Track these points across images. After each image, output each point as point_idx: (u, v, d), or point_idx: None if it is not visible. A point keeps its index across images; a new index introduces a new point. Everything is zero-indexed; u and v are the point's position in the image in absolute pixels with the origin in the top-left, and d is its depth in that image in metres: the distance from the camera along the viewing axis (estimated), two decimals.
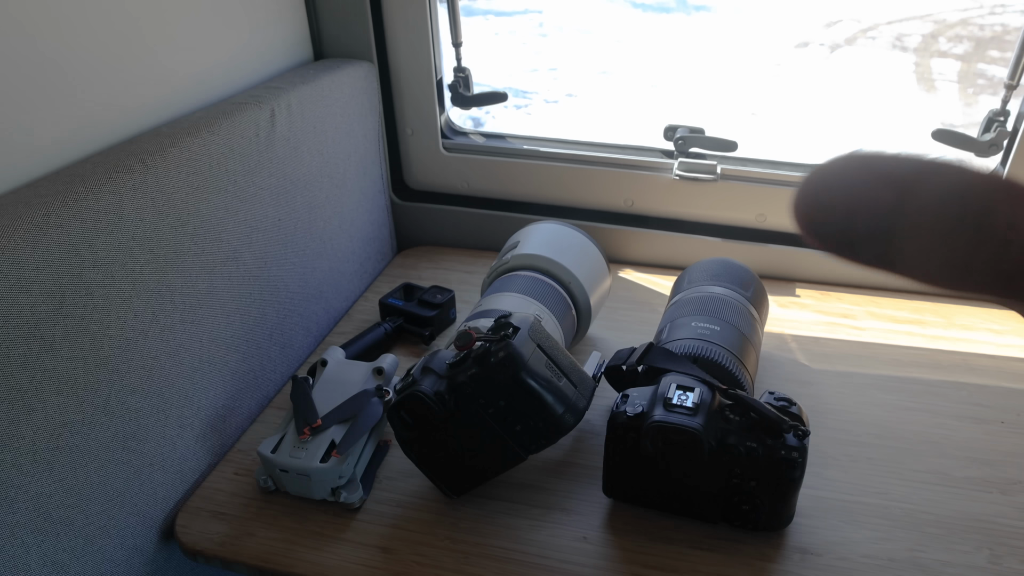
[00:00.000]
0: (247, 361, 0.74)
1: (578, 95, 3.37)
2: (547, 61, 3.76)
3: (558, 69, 3.66)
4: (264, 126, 0.73)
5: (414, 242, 1.07)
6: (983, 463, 0.67)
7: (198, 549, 0.61)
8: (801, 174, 0.93)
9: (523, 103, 3.27)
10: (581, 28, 4.33)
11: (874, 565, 0.58)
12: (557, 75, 3.60)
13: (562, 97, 3.35)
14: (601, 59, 3.80)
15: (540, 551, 0.59)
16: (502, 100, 0.99)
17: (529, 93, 3.37)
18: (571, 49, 3.97)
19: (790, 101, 3.25)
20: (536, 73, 3.60)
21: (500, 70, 3.59)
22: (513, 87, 3.41)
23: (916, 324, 0.87)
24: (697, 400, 0.56)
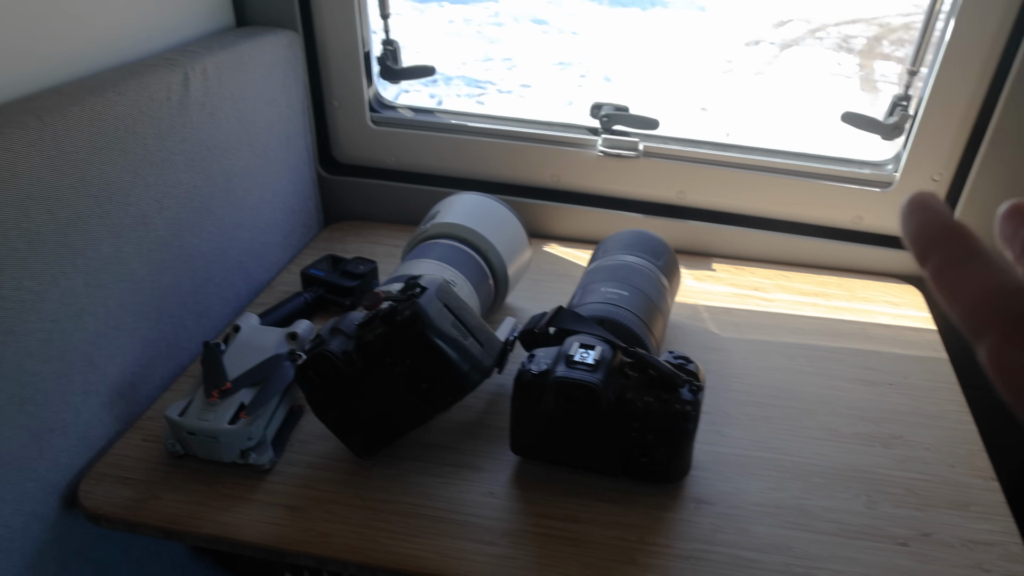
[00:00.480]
0: (159, 329, 0.73)
1: (532, 86, 3.38)
2: (502, 51, 3.76)
3: (513, 59, 3.67)
4: (177, 90, 0.72)
5: (342, 216, 1.07)
6: (869, 420, 0.71)
7: (101, 513, 0.61)
8: (720, 152, 0.95)
9: (477, 93, 3.27)
10: (536, 18, 4.34)
11: (762, 512, 0.61)
12: (512, 65, 3.60)
13: (516, 87, 3.36)
14: (556, 51, 3.81)
15: (448, 506, 0.61)
16: (430, 74, 1.00)
17: (483, 82, 3.37)
18: (526, 40, 3.97)
19: (741, 98, 3.31)
20: (491, 63, 3.60)
21: (454, 59, 3.58)
22: (467, 76, 3.40)
23: (821, 296, 0.91)
24: (598, 357, 0.58)
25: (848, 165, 0.94)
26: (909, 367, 0.79)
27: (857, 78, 3.53)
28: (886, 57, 3.83)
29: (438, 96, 3.17)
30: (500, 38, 3.95)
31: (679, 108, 3.07)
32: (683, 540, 0.58)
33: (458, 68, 3.49)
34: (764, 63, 3.71)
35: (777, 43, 3.99)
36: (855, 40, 4.08)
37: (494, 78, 3.45)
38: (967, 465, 0.67)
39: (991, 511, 0.62)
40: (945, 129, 0.87)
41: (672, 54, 3.82)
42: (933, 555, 0.58)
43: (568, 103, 3.19)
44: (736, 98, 3.29)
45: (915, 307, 0.89)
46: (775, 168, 0.94)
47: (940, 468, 0.66)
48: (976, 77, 0.83)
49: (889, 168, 0.93)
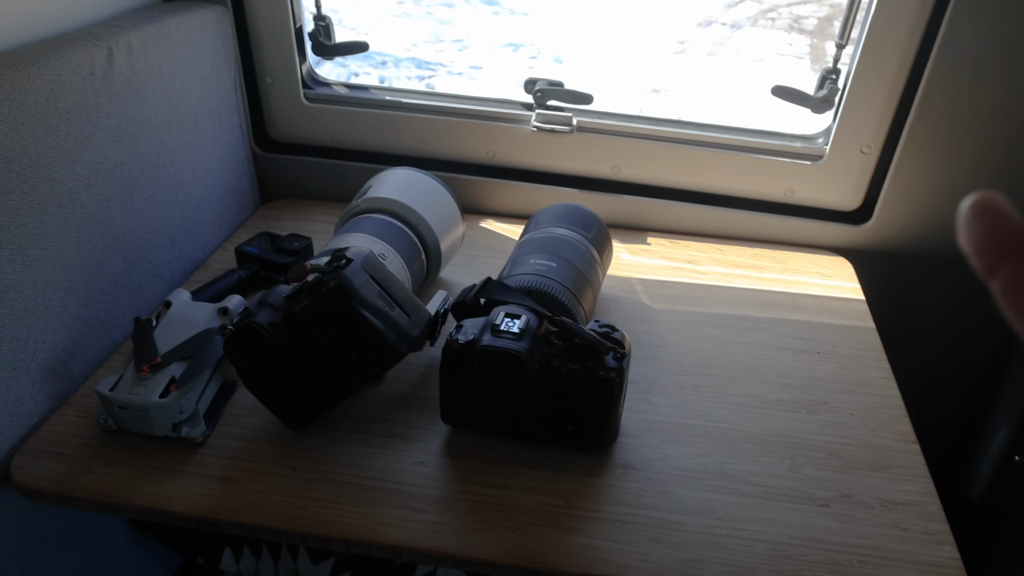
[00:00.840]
0: (90, 306, 0.73)
1: (483, 67, 3.37)
2: (453, 32, 3.74)
3: (464, 40, 3.65)
4: (101, 64, 0.71)
5: (278, 194, 1.07)
6: (796, 388, 0.74)
7: (34, 488, 0.61)
8: (653, 127, 0.97)
9: (427, 75, 3.25)
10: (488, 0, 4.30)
11: (688, 476, 0.63)
12: (463, 47, 3.58)
13: (467, 69, 3.34)
14: (507, 32, 3.80)
15: (379, 476, 0.62)
16: (364, 50, 1.00)
17: (433, 64, 3.35)
18: (477, 21, 3.95)
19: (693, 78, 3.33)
20: (442, 44, 3.58)
21: (404, 40, 3.54)
22: (417, 58, 3.38)
23: (754, 269, 0.93)
24: (523, 326, 0.60)
25: (780, 139, 0.97)
26: (837, 336, 0.82)
27: (808, 58, 3.58)
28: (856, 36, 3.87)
29: (388, 78, 3.15)
30: (451, 19, 3.92)
31: (631, 89, 3.09)
32: (609, 504, 0.60)
33: (408, 50, 3.46)
34: (716, 44, 3.75)
35: (729, 24, 4.03)
36: (806, 20, 4.14)
37: (445, 60, 3.43)
38: (889, 429, 0.69)
39: (911, 473, 0.65)
40: (873, 101, 0.89)
41: (624, 35, 3.83)
42: (852, 515, 0.60)
43: (519, 84, 3.18)
44: (689, 79, 3.32)
45: (845, 278, 0.93)
46: (709, 142, 0.97)
47: (863, 432, 0.69)
48: (901, 49, 0.85)
49: (820, 141, 0.96)
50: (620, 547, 0.57)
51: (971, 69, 0.83)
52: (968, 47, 0.82)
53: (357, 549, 0.58)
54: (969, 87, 0.84)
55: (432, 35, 3.67)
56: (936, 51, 0.83)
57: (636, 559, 0.56)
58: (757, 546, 0.58)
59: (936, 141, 0.88)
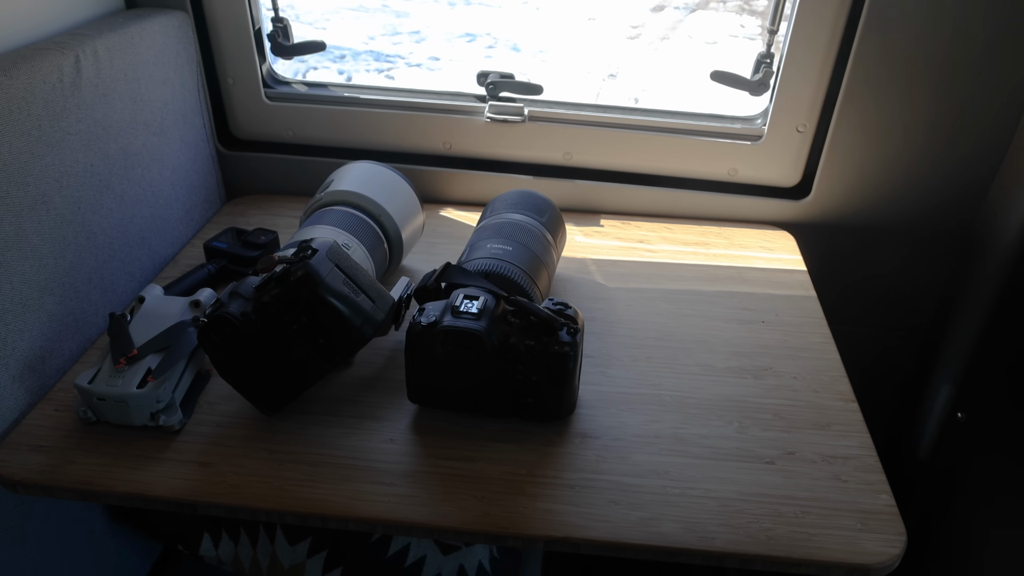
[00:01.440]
0: (65, 304, 0.75)
1: (441, 59, 3.39)
2: (410, 24, 3.75)
3: (421, 32, 3.66)
4: (69, 71, 0.74)
5: (243, 191, 1.09)
6: (742, 355, 0.79)
7: (17, 479, 0.63)
8: (601, 114, 1.02)
9: (386, 67, 3.26)
10: None
11: (642, 441, 0.67)
12: (420, 39, 3.59)
13: (425, 61, 3.36)
14: (464, 23, 3.81)
15: (350, 454, 0.65)
16: (320, 49, 1.02)
17: (391, 57, 3.36)
18: (434, 13, 3.96)
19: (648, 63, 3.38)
20: (399, 37, 3.59)
21: (362, 34, 3.55)
22: (376, 51, 3.38)
23: (702, 246, 0.98)
24: (481, 307, 0.64)
25: (721, 121, 1.02)
26: (781, 305, 0.87)
27: (760, 39, 3.63)
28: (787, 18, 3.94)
29: (347, 72, 3.16)
30: (407, 12, 3.93)
31: (588, 76, 3.13)
32: (569, 471, 0.64)
33: (366, 43, 3.47)
34: (670, 28, 3.79)
35: (682, 7, 4.08)
36: (756, 2, 4.20)
37: (403, 52, 3.45)
38: (830, 390, 0.74)
39: (850, 429, 0.70)
40: (804, 82, 0.94)
41: (579, 22, 3.86)
42: (797, 470, 0.65)
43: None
44: (644, 64, 3.37)
45: (787, 251, 0.98)
46: (655, 127, 1.01)
47: (806, 394, 0.74)
48: (828, 30, 0.90)
49: (758, 122, 1.01)
50: (580, 510, 0.61)
51: (895, 48, 0.88)
52: (892, 25, 0.87)
53: (333, 524, 0.62)
54: (894, 64, 0.89)
55: (389, 28, 3.68)
56: (860, 31, 0.88)
57: (595, 520, 0.60)
58: (708, 503, 0.62)
59: (866, 118, 0.93)
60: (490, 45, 3.55)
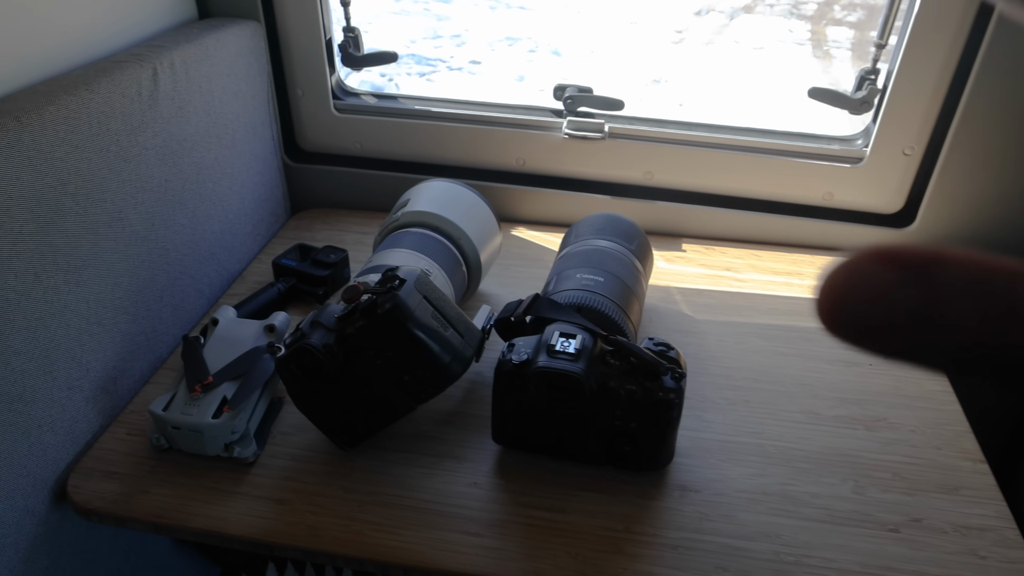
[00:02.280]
0: (137, 323, 0.73)
1: (482, 62, 3.36)
2: (451, 28, 3.73)
3: (462, 36, 3.64)
4: (147, 85, 0.72)
5: (309, 204, 1.07)
6: (851, 402, 0.73)
7: (91, 508, 0.61)
8: (686, 132, 0.97)
9: (427, 71, 3.24)
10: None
11: (748, 499, 0.62)
12: (461, 42, 3.57)
13: (466, 64, 3.34)
14: (505, 26, 3.79)
15: (432, 497, 0.62)
16: (392, 60, 1.00)
17: (432, 60, 3.34)
18: (475, 16, 3.94)
19: (692, 68, 3.32)
20: (440, 40, 3.57)
21: (403, 37, 3.54)
22: (417, 54, 3.37)
23: (794, 275, 0.93)
24: (579, 346, 0.60)
25: (817, 141, 0.96)
26: None
27: (809, 44, 3.56)
28: (838, 23, 3.86)
29: (388, 74, 3.15)
30: (448, 15, 3.92)
31: (630, 81, 3.08)
32: (670, 529, 0.59)
33: (407, 47, 3.46)
34: (714, 33, 3.73)
35: (727, 12, 4.01)
36: (806, 6, 4.11)
37: (444, 55, 3.43)
38: (954, 447, 0.67)
39: (982, 495, 0.62)
40: (916, 102, 0.87)
41: (621, 27, 3.82)
42: (925, 541, 0.58)
43: (518, 78, 3.19)
44: (688, 69, 3.31)
45: None
46: (743, 146, 0.96)
47: (927, 451, 0.67)
48: (947, 48, 0.83)
49: (859, 143, 0.95)
50: (685, 575, 0.56)
51: (1019, 68, 0.81)
52: (1016, 47, 0.80)
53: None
54: (1018, 86, 0.82)
55: (431, 31, 3.66)
56: (984, 49, 0.81)
57: None
58: (829, 575, 0.56)
59: (984, 141, 0.85)
60: (531, 49, 3.52)
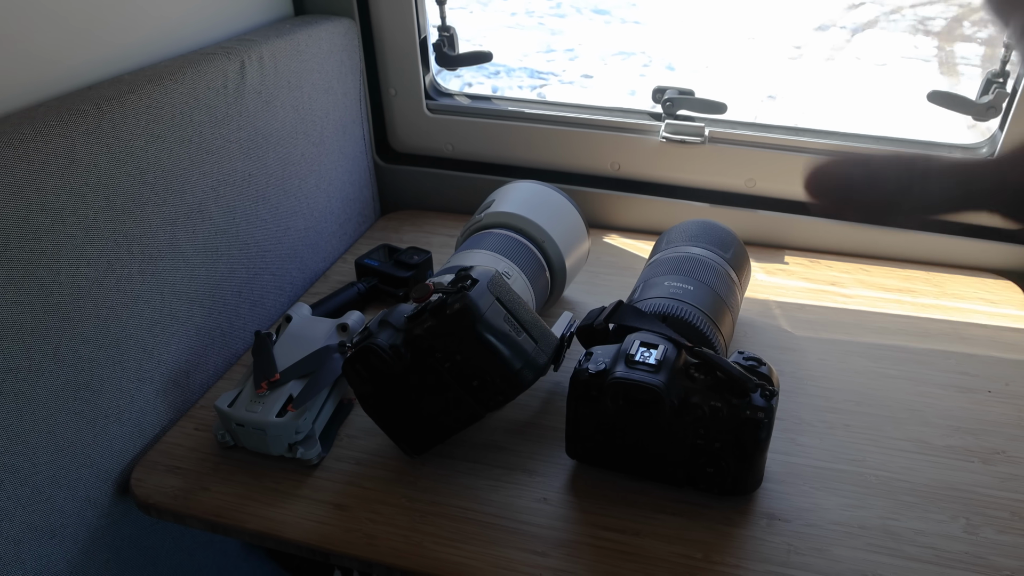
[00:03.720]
0: (213, 317, 0.72)
1: (595, 76, 3.34)
2: (564, 42, 3.73)
3: (575, 50, 3.63)
4: (233, 78, 0.71)
5: (398, 205, 1.05)
6: (966, 432, 0.65)
7: (151, 502, 0.60)
8: (792, 137, 0.90)
9: (539, 84, 3.24)
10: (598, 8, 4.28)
11: (844, 532, 0.56)
12: (574, 56, 3.56)
13: (578, 78, 3.32)
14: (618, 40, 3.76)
15: (498, 511, 0.58)
16: (487, 60, 0.97)
17: (544, 74, 3.34)
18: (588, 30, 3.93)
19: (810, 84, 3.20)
20: (553, 54, 3.57)
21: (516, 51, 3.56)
22: (529, 68, 3.38)
23: (906, 293, 0.84)
24: (660, 357, 0.54)
25: (935, 149, 0.88)
26: (1010, 372, 0.72)
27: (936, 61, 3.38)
28: (967, 39, 3.66)
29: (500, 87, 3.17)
30: (562, 29, 3.92)
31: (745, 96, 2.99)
32: (755, 560, 0.54)
33: (520, 60, 3.48)
34: (835, 48, 3.58)
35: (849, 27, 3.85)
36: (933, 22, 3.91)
37: (556, 69, 3.43)
38: None
39: None
40: None
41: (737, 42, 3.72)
42: None
43: (630, 93, 3.15)
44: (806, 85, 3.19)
45: (1014, 305, 0.83)
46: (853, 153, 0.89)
47: None
48: None
49: (984, 152, 0.86)
50: None
51: None
52: None
53: None
54: None
55: (544, 45, 3.67)
56: None
57: None
58: None
59: None
60: (645, 63, 3.47)
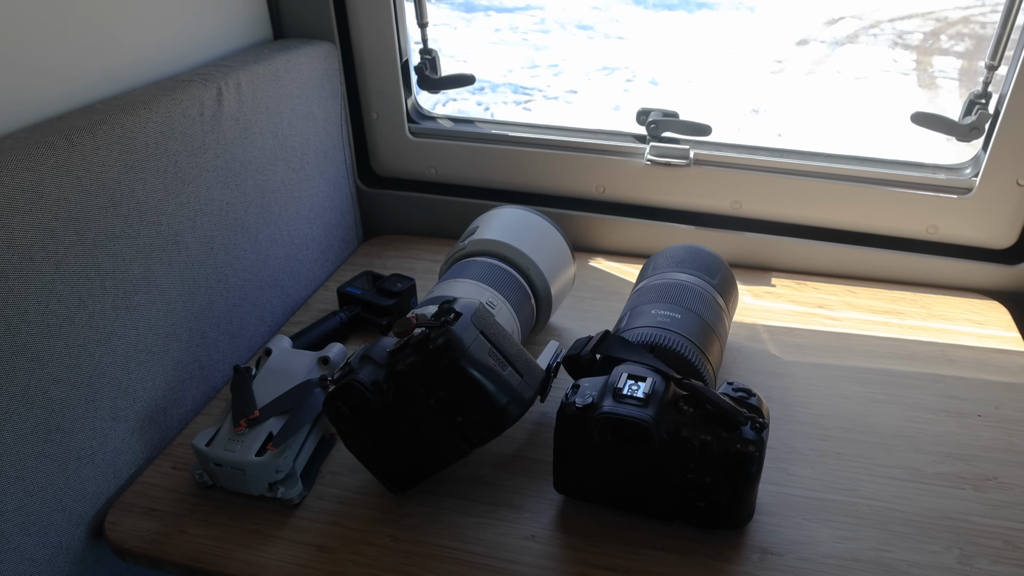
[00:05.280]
0: (191, 350, 0.70)
1: (579, 91, 3.35)
2: (548, 58, 3.74)
3: (559, 65, 3.64)
4: (210, 105, 0.70)
5: (381, 230, 1.04)
6: (957, 458, 0.64)
7: (126, 547, 0.58)
8: (777, 159, 0.90)
9: (523, 99, 3.25)
10: (582, 24, 4.31)
11: (837, 566, 0.55)
12: (558, 72, 3.57)
13: (562, 94, 3.33)
14: (602, 56, 3.78)
15: (485, 550, 0.56)
16: (469, 83, 0.96)
17: (529, 89, 3.35)
18: (572, 46, 3.95)
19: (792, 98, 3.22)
20: (537, 70, 3.58)
21: (501, 66, 3.57)
22: (514, 83, 3.39)
23: (894, 315, 0.84)
24: (648, 390, 0.53)
25: (920, 170, 0.88)
26: (1000, 395, 0.72)
27: (914, 75, 3.41)
28: (945, 52, 3.70)
29: (485, 103, 3.17)
30: (546, 45, 3.93)
31: (728, 111, 3.00)
32: None
33: (505, 76, 3.48)
34: (815, 62, 3.62)
35: (828, 41, 3.89)
36: (911, 36, 3.95)
37: (540, 84, 3.44)
38: None
39: None
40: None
41: (719, 57, 3.75)
42: None
43: (614, 108, 3.16)
44: (788, 99, 3.21)
45: (1001, 326, 0.82)
46: (838, 175, 0.88)
47: None
48: None
49: (967, 172, 0.86)
50: None
51: None
52: None
53: None
54: None
55: (528, 60, 3.68)
56: None
57: None
58: None
59: None
60: (628, 79, 3.48)
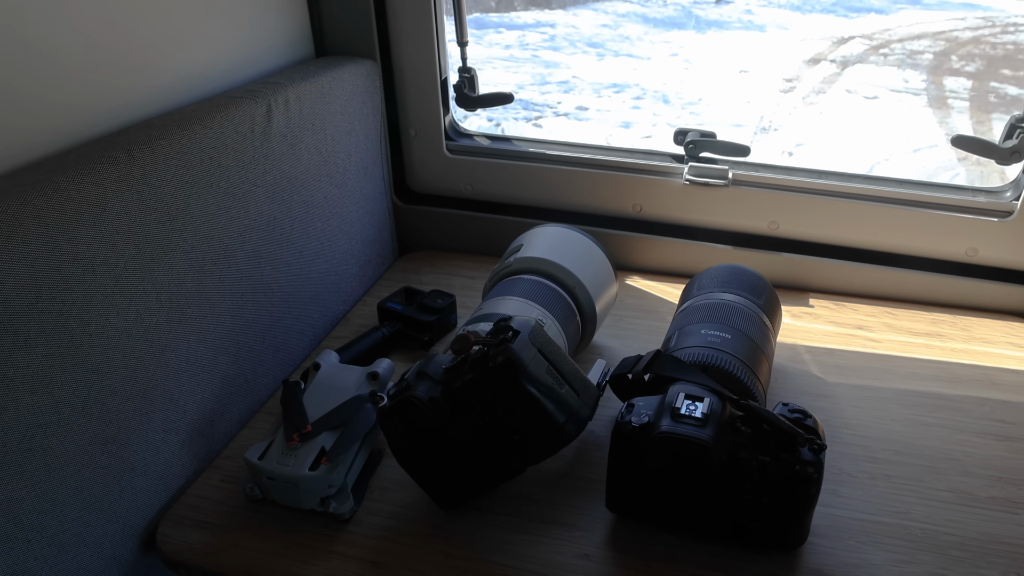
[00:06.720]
0: (238, 364, 0.71)
1: (589, 108, 3.37)
2: (559, 75, 3.76)
3: (569, 82, 3.66)
4: (260, 121, 0.71)
5: (416, 246, 1.04)
6: (1008, 483, 0.64)
7: (179, 559, 0.58)
8: (815, 180, 0.90)
9: (533, 115, 3.27)
10: (592, 42, 4.34)
11: None
12: (568, 88, 3.60)
13: (572, 110, 3.35)
14: (612, 74, 3.80)
15: (539, 568, 0.56)
16: (508, 101, 0.97)
17: (539, 106, 3.37)
18: (583, 64, 3.97)
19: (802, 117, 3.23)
20: (547, 86, 3.60)
21: (512, 83, 3.59)
22: (524, 99, 3.41)
23: (934, 337, 0.84)
24: (707, 410, 0.53)
25: (960, 193, 0.88)
26: None
27: (925, 95, 3.42)
28: (955, 72, 3.71)
29: (495, 119, 3.19)
30: (557, 62, 3.96)
31: (738, 128, 3.01)
32: None
33: (516, 93, 3.51)
34: (826, 81, 3.63)
35: (839, 60, 3.90)
36: (922, 56, 3.96)
37: (551, 101, 3.46)
38: None
39: None
40: None
41: (729, 75, 3.76)
42: None
43: (624, 124, 3.17)
44: (798, 117, 3.22)
45: None
46: (877, 196, 0.89)
47: None
48: None
49: (1008, 195, 0.86)
50: None
51: None
52: None
53: None
54: None
55: (538, 77, 3.70)
56: None
57: None
58: None
59: None
60: (638, 96, 3.50)
